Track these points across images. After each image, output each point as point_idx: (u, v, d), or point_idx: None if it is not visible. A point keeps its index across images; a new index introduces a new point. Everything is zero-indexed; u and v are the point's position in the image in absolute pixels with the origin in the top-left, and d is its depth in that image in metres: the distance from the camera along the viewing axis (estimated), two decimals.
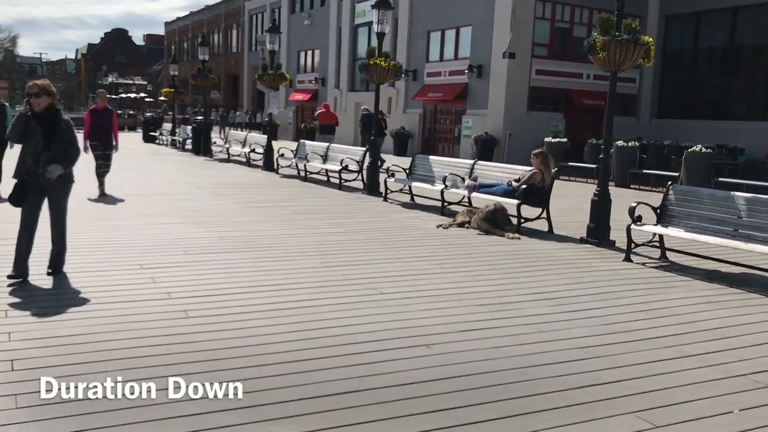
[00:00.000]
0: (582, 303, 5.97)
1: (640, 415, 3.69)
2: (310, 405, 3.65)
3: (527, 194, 9.47)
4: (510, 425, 3.54)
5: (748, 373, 4.41)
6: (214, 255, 7.33)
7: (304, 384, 3.92)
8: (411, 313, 5.45)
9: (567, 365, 4.42)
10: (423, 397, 3.83)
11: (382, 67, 12.90)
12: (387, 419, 3.56)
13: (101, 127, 11.39)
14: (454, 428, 3.48)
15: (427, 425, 3.49)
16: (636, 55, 8.31)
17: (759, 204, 7.13)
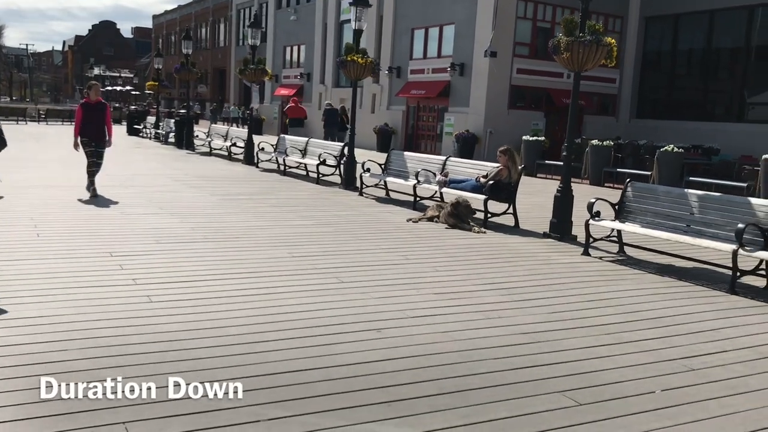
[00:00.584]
0: (534, 293, 6.23)
1: (567, 394, 3.95)
2: (262, 381, 3.87)
3: (494, 190, 9.74)
4: (443, 400, 3.78)
5: (678, 357, 4.69)
6: (184, 244, 7.54)
7: (258, 363, 4.15)
8: (367, 300, 5.69)
9: (508, 349, 4.68)
10: (367, 375, 4.06)
11: (359, 64, 13.11)
12: (333, 394, 3.79)
13: (94, 121, 10.62)
14: (392, 403, 3.71)
15: (370, 400, 3.73)
16: (599, 56, 8.56)
17: (709, 201, 7.43)
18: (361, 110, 31.21)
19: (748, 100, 24.04)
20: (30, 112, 40.00)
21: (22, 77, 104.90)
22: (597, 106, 26.91)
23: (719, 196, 7.66)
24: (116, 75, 58.53)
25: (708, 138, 21.82)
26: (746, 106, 24.05)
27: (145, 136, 28.84)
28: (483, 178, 10.13)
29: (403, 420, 3.54)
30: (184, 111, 24.98)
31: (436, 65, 26.81)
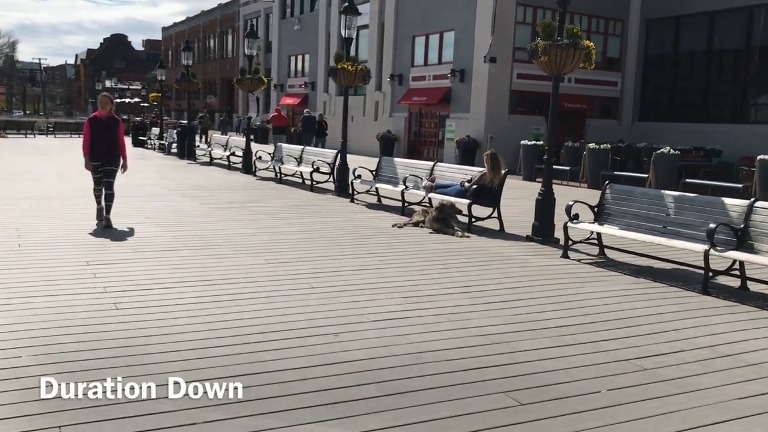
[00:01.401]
0: (502, 296, 6.25)
1: (511, 395, 3.97)
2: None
3: (478, 194, 9.77)
4: (385, 402, 3.82)
5: (633, 357, 4.69)
6: (162, 252, 7.62)
7: (205, 367, 4.21)
8: (332, 305, 5.73)
9: (461, 351, 4.71)
10: (314, 379, 4.11)
11: (349, 72, 13.19)
12: (276, 397, 3.83)
13: (105, 140, 9.01)
14: (334, 405, 3.75)
15: (313, 402, 3.77)
16: (576, 59, 8.59)
17: (685, 202, 7.42)
18: (364, 118, 31.41)
19: (751, 101, 23.93)
20: (39, 125, 40.54)
21: (35, 91, 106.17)
22: (599, 109, 26.85)
23: (694, 197, 7.64)
24: (125, 87, 59.11)
25: (711, 140, 21.71)
26: (749, 108, 23.92)
27: (150, 147, 29.12)
28: (467, 182, 10.16)
29: (340, 421, 3.58)
30: (189, 121, 25.12)
31: (436, 72, 26.87)
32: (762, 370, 4.49)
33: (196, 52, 68.19)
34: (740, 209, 6.74)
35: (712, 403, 3.93)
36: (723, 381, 4.30)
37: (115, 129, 9.19)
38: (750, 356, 4.77)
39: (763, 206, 6.66)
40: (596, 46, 27.93)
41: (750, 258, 6.41)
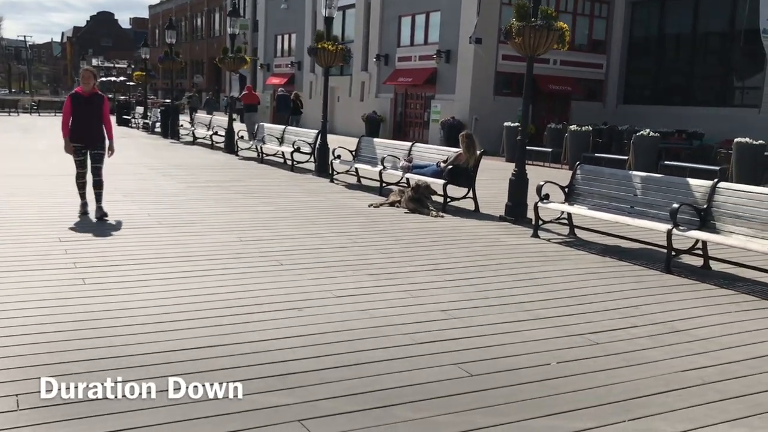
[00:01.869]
0: (467, 273, 6.36)
1: (462, 366, 4.09)
2: (166, 356, 4.01)
3: (453, 174, 9.85)
4: (336, 374, 3.91)
5: (587, 332, 4.81)
6: (136, 230, 7.68)
7: (166, 340, 4.30)
8: (299, 281, 5.83)
9: (419, 325, 4.81)
10: (270, 351, 4.19)
11: (329, 51, 13.19)
12: (231, 368, 3.92)
13: (87, 120, 8.06)
14: (285, 376, 3.85)
15: (266, 373, 3.87)
16: (550, 41, 8.64)
17: (652, 183, 7.54)
18: (350, 98, 31.36)
19: (735, 84, 24.08)
20: (23, 104, 40.24)
21: (20, 69, 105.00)
22: (584, 91, 26.91)
23: (660, 178, 7.77)
24: (111, 66, 58.60)
25: (694, 123, 21.83)
26: (733, 91, 24.08)
27: (134, 126, 29.01)
28: (443, 163, 10.24)
29: (290, 391, 3.67)
30: (173, 100, 25.01)
31: (422, 52, 26.83)
32: (709, 344, 4.63)
33: (184, 31, 67.90)
34: (704, 190, 6.86)
35: (656, 375, 4.06)
36: (670, 354, 4.43)
37: (99, 107, 8.13)
38: (700, 331, 4.90)
39: (726, 187, 6.79)
40: (582, 28, 27.97)
41: (711, 237, 6.55)
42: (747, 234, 6.34)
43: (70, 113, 8.05)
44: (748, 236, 6.32)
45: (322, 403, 3.54)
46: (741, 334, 4.87)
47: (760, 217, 6.29)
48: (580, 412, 3.57)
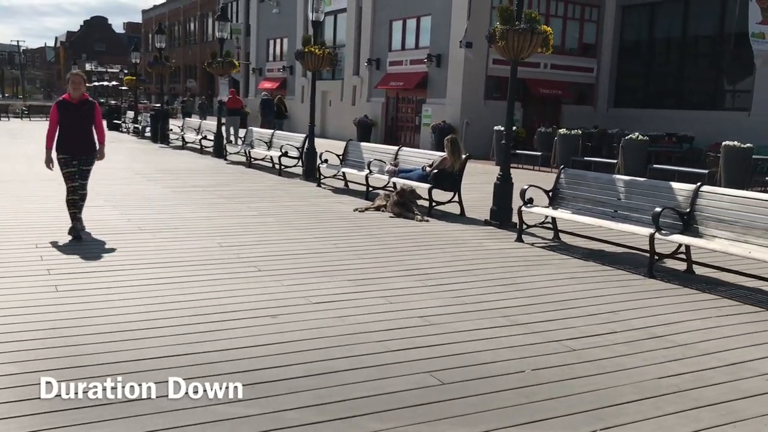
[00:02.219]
0: (449, 279, 6.29)
1: (435, 374, 4.02)
2: (128, 366, 3.93)
3: (438, 179, 9.80)
4: (306, 382, 3.83)
5: (565, 339, 4.75)
6: (115, 236, 7.57)
7: (132, 349, 4.22)
8: (276, 287, 5.75)
9: (395, 332, 4.74)
10: (239, 360, 4.11)
11: (316, 55, 13.13)
12: (200, 377, 3.84)
13: (78, 128, 7.27)
14: (254, 385, 3.77)
15: (236, 381, 3.78)
16: (534, 44, 8.61)
17: (635, 186, 7.50)
18: (342, 102, 31.33)
19: (726, 88, 24.11)
20: (13, 109, 40.05)
21: (14, 74, 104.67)
22: (575, 95, 26.91)
23: (643, 181, 7.72)
24: (104, 70, 58.48)
25: (685, 126, 21.85)
26: (723, 94, 24.11)
27: (124, 131, 28.88)
28: (429, 167, 10.18)
29: (256, 401, 3.58)
30: (162, 105, 24.93)
31: (414, 57, 26.81)
32: (687, 350, 4.57)
33: (177, 36, 67.85)
34: (686, 193, 6.81)
35: (632, 383, 4.00)
36: (647, 361, 4.37)
37: (90, 115, 7.32)
38: (679, 337, 4.84)
39: (709, 191, 6.74)
40: (572, 32, 28.00)
41: (693, 242, 6.50)
42: (729, 238, 6.30)
43: (57, 122, 7.25)
44: (730, 240, 6.27)
45: (288, 413, 3.47)
46: (720, 339, 4.81)
47: (742, 221, 6.24)
48: (551, 421, 3.51)
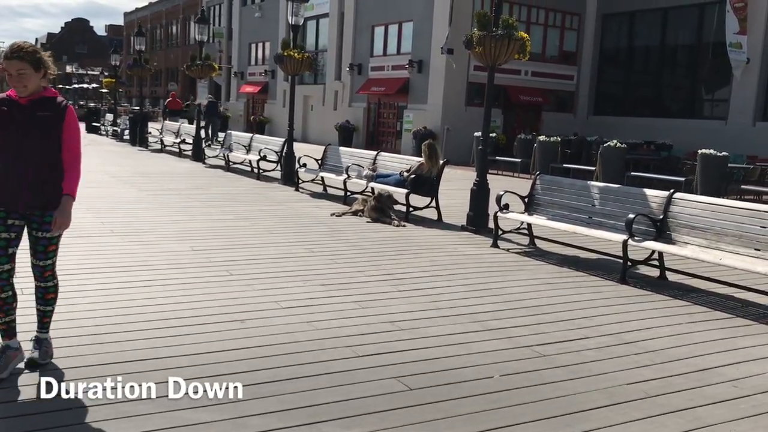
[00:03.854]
0: (423, 284, 6.25)
1: (402, 380, 3.97)
2: (93, 370, 3.85)
3: (415, 184, 9.78)
4: (271, 388, 3.77)
5: (535, 344, 4.72)
6: (86, 239, 7.45)
7: (101, 353, 4.13)
8: (248, 292, 5.67)
9: (365, 337, 4.69)
10: (205, 365, 4.04)
11: (295, 59, 13.09)
12: (163, 382, 3.75)
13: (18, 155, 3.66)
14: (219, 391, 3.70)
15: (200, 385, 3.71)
16: (511, 50, 8.62)
17: (609, 193, 7.52)
18: (324, 107, 31.29)
19: (704, 96, 24.38)
20: None
21: None
22: (555, 102, 27.09)
23: (617, 188, 7.75)
24: (84, 73, 57.97)
25: (664, 134, 22.06)
26: (702, 103, 24.38)
27: (103, 134, 28.62)
28: (406, 172, 10.16)
29: (220, 407, 3.52)
30: (141, 107, 24.74)
31: (395, 62, 26.86)
32: (657, 356, 4.56)
33: (159, 39, 67.45)
34: (660, 200, 6.84)
35: (600, 389, 3.98)
36: (617, 367, 4.36)
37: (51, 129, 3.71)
38: (650, 343, 4.84)
39: (682, 197, 6.78)
40: (553, 39, 28.20)
41: (666, 248, 6.52)
42: (701, 245, 6.33)
43: None
44: (702, 247, 6.30)
45: (252, 419, 3.41)
46: (689, 346, 4.82)
47: (713, 228, 6.27)
48: (518, 426, 3.48)
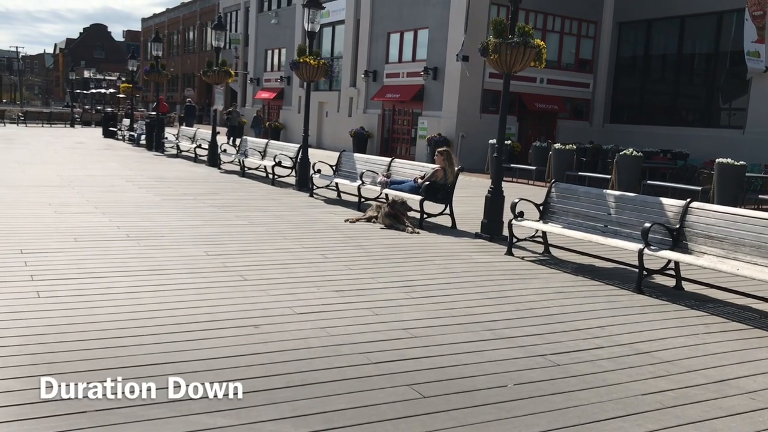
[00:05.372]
0: (436, 291, 6.24)
1: (415, 387, 3.96)
2: (105, 374, 3.86)
3: (430, 191, 9.76)
4: (285, 394, 3.78)
5: (549, 353, 4.70)
6: (103, 243, 7.53)
7: (114, 356, 4.17)
8: (262, 298, 5.70)
9: (379, 344, 4.69)
10: (219, 370, 4.06)
11: (311, 65, 13.14)
12: (177, 387, 3.78)
13: None
14: (233, 396, 3.72)
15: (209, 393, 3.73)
16: (527, 58, 8.60)
17: (625, 201, 7.47)
18: (338, 114, 31.37)
19: (721, 105, 24.19)
20: (9, 114, 40.00)
21: (12, 80, 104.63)
22: (571, 110, 26.99)
23: (633, 197, 7.69)
24: (101, 78, 58.50)
25: (681, 143, 21.92)
26: (718, 112, 24.18)
27: (120, 138, 28.85)
28: (420, 179, 10.16)
29: (235, 412, 3.53)
30: (157, 113, 24.94)
31: (410, 69, 26.87)
32: (672, 367, 4.53)
33: (176, 45, 67.96)
34: (676, 210, 6.80)
35: (614, 399, 3.95)
36: (632, 377, 4.33)
37: None
38: (665, 353, 4.80)
39: (698, 207, 6.72)
40: (569, 47, 28.09)
41: (682, 258, 6.46)
42: (718, 255, 6.27)
43: None
44: (719, 257, 6.25)
45: (265, 425, 3.42)
46: (705, 357, 4.77)
47: (731, 238, 6.22)
48: None
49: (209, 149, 18.46)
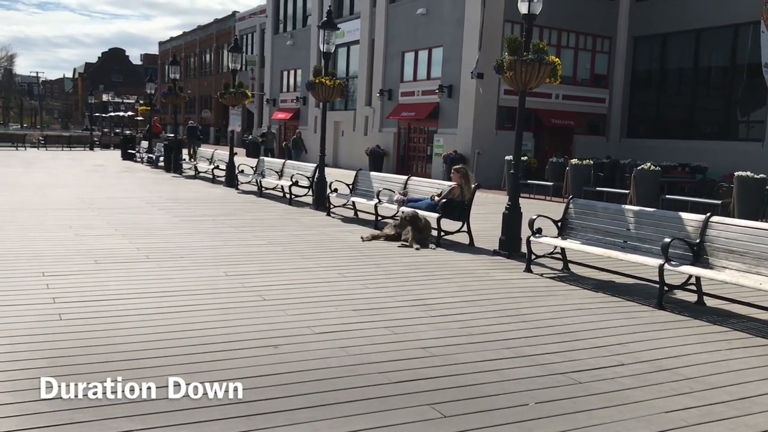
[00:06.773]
0: (455, 309, 6.22)
1: (436, 407, 3.94)
2: None
3: (447, 208, 9.77)
4: (306, 414, 3.78)
5: (570, 371, 4.66)
6: (123, 264, 7.59)
7: (145, 377, 4.17)
8: (280, 317, 5.71)
9: (398, 363, 4.67)
10: (240, 390, 4.07)
11: (327, 86, 13.25)
12: (202, 407, 3.79)
13: None
14: (252, 416, 3.72)
15: (231, 413, 3.74)
16: (542, 75, 8.62)
17: (644, 216, 7.42)
18: (354, 133, 31.53)
19: (739, 118, 24.01)
20: (30, 138, 40.67)
21: (32, 104, 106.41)
22: (587, 125, 26.90)
23: (653, 212, 7.64)
24: (119, 101, 59.35)
25: (698, 157, 21.74)
26: (736, 125, 24.01)
27: (138, 161, 29.18)
28: (437, 196, 10.17)
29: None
30: (175, 135, 25.24)
31: (425, 87, 26.98)
32: (696, 384, 4.47)
33: (193, 67, 68.81)
34: (696, 224, 6.74)
35: (637, 417, 3.91)
36: (655, 395, 4.28)
37: None
38: (688, 370, 4.75)
39: (719, 221, 6.67)
40: (584, 62, 28.01)
41: (703, 273, 6.40)
42: (740, 269, 6.21)
43: None
44: (741, 271, 6.18)
45: None
46: (729, 373, 4.71)
47: (753, 252, 6.15)
48: None
49: (227, 170, 18.62)
